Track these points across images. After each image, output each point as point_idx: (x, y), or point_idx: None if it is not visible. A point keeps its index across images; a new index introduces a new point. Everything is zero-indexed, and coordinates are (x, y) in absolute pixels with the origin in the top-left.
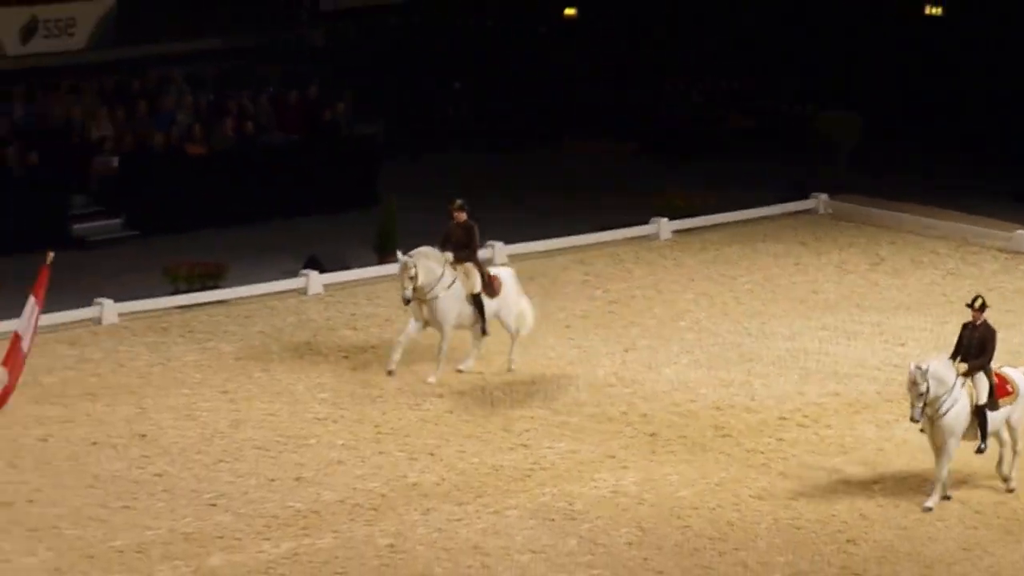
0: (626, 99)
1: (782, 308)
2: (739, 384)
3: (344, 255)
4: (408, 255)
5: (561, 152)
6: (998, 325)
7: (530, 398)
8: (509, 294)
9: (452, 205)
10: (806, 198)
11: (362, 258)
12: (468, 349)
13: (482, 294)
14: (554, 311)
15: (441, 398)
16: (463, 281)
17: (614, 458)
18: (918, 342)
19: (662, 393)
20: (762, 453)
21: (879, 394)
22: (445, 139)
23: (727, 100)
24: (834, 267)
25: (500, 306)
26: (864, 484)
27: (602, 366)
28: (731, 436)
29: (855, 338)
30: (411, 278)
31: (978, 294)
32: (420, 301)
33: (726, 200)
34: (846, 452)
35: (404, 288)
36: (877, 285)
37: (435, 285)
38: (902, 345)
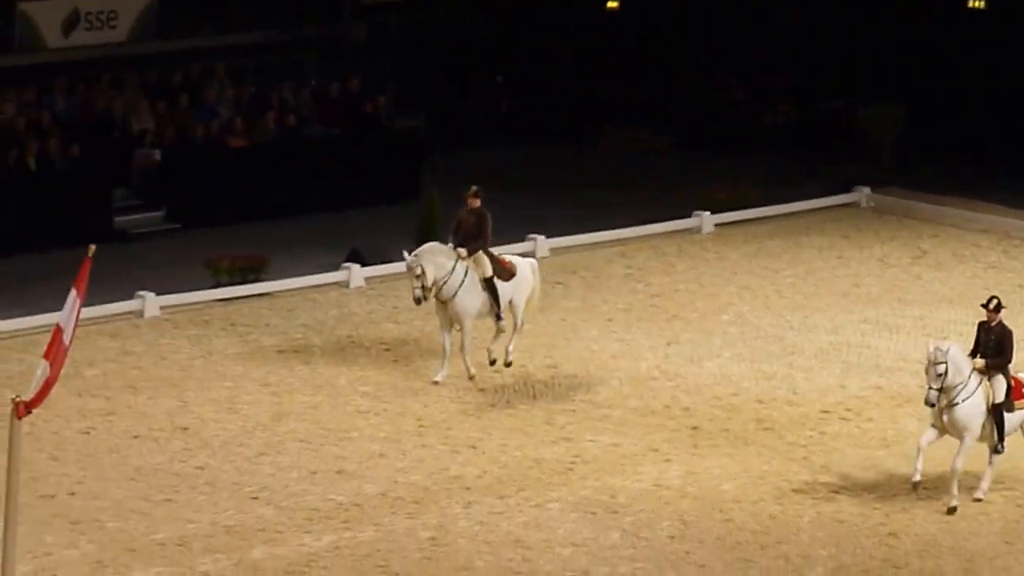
0: (668, 93)
1: (824, 301)
2: (781, 377)
3: (386, 248)
4: (412, 255)
5: (603, 146)
6: None
7: (572, 391)
8: (524, 281)
9: (467, 192)
10: (849, 192)
11: (403, 251)
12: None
13: (495, 279)
14: (597, 304)
15: (483, 391)
16: (474, 269)
17: (656, 451)
18: (960, 336)
19: (704, 387)
20: (804, 446)
21: (921, 388)
22: (486, 133)
23: (769, 94)
24: (876, 260)
25: (514, 293)
26: (906, 477)
27: (644, 359)
28: (773, 430)
29: (897, 331)
30: (417, 277)
31: (993, 295)
32: (441, 303)
33: (768, 194)
34: (888, 446)
35: (414, 289)
36: (919, 279)
37: (448, 280)
38: (944, 339)
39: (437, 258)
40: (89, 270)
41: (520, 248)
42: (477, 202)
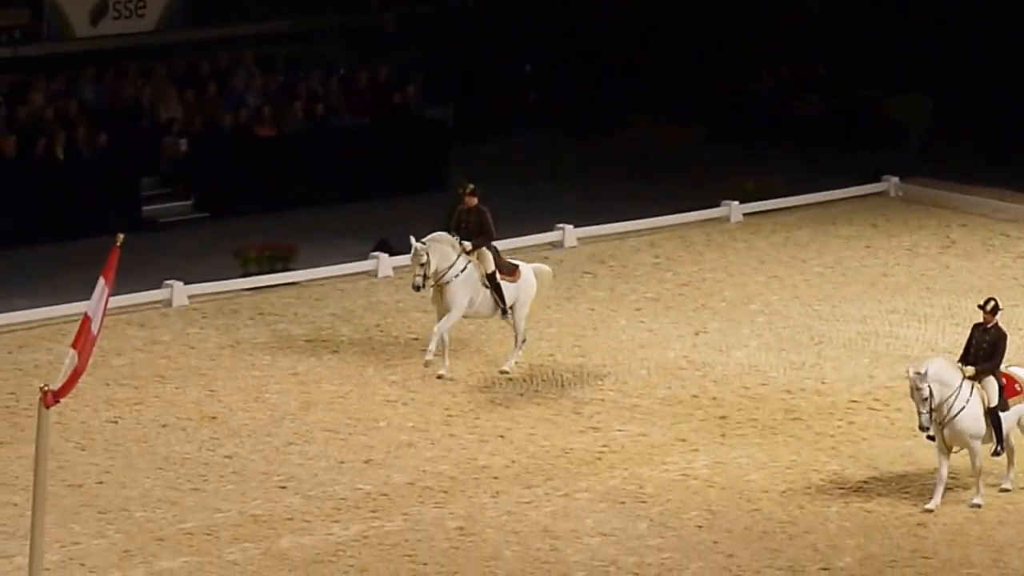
0: (697, 83)
1: (853, 291)
2: (809, 367)
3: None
4: (422, 241)
5: (631, 136)
6: None
7: (600, 381)
8: (528, 288)
9: (464, 190)
10: (877, 181)
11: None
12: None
13: (498, 275)
14: (625, 293)
15: (512, 381)
16: (476, 265)
17: (684, 441)
18: None
19: (732, 376)
20: (832, 436)
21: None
22: (515, 122)
23: (798, 84)
24: (905, 250)
25: (517, 296)
26: (934, 468)
27: (673, 349)
28: (801, 419)
29: (926, 321)
30: (422, 265)
31: (991, 296)
32: (438, 291)
33: (797, 183)
34: (916, 435)
35: (415, 275)
36: (948, 268)
37: (447, 271)
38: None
39: (443, 247)
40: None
41: (548, 237)
42: (474, 200)
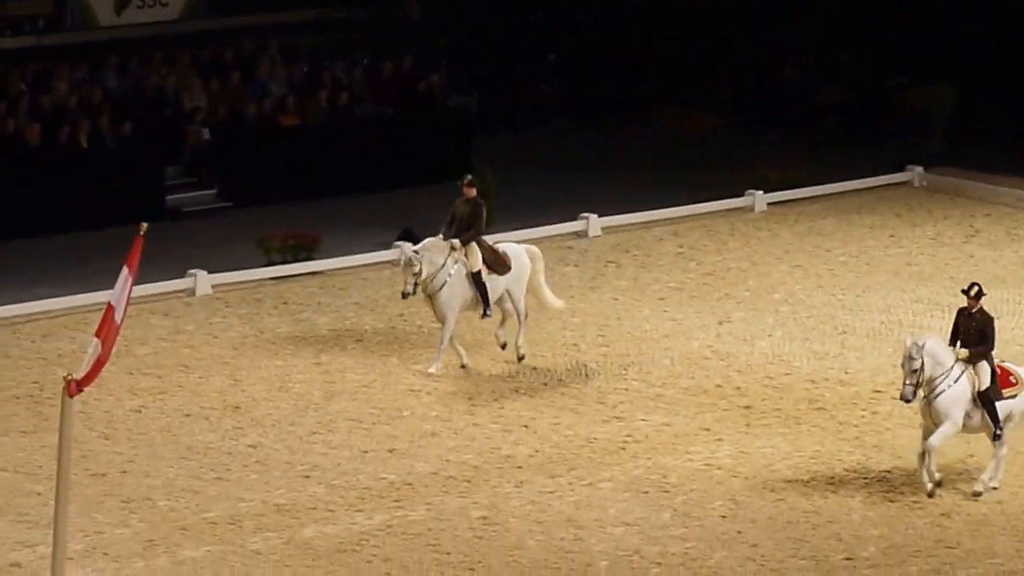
0: (721, 72)
1: (876, 280)
2: (833, 357)
3: (438, 227)
4: (414, 250)
5: (655, 125)
6: None
7: (624, 370)
8: (522, 270)
9: (462, 181)
10: (901, 171)
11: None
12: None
13: (483, 271)
14: (649, 283)
15: (535, 370)
16: (464, 263)
17: (708, 431)
18: (1013, 315)
19: (756, 366)
20: (856, 426)
21: None
22: (538, 111)
23: (823, 74)
24: (929, 239)
25: (510, 283)
26: (958, 457)
27: (696, 338)
28: (825, 409)
29: (950, 311)
30: (415, 274)
31: (974, 282)
32: (428, 297)
33: (821, 173)
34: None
35: (406, 284)
36: (972, 257)
37: (436, 276)
38: (997, 318)
39: (434, 255)
40: (141, 248)
41: (572, 227)
42: (473, 191)
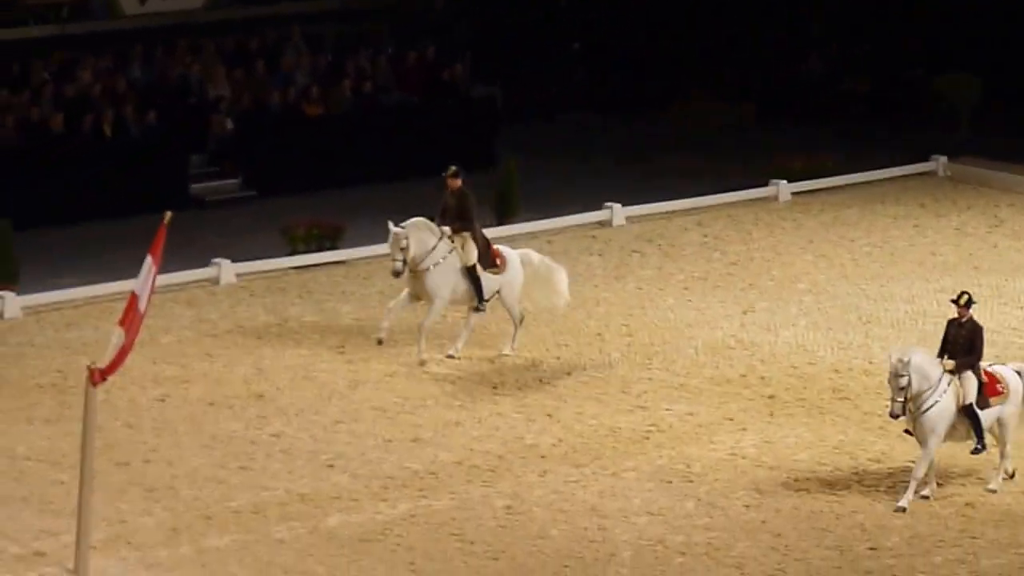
0: (746, 63)
1: (901, 270)
2: (857, 347)
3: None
4: (400, 226)
5: (679, 114)
6: None
7: (648, 360)
8: (515, 275)
9: (447, 173)
10: (925, 161)
11: (480, 220)
12: (458, 330)
13: (478, 267)
14: (673, 273)
15: (559, 360)
16: (459, 253)
17: (732, 420)
18: None
19: (780, 355)
20: (880, 416)
21: (997, 357)
22: (563, 101)
23: (847, 64)
24: (953, 229)
25: (503, 285)
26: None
27: (720, 328)
28: (849, 399)
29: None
30: (402, 249)
31: (964, 290)
32: (413, 274)
33: (845, 163)
34: None
35: (394, 260)
36: (996, 247)
37: (426, 257)
38: (1022, 308)
39: (422, 233)
40: (165, 237)
41: (596, 216)
42: (458, 182)
